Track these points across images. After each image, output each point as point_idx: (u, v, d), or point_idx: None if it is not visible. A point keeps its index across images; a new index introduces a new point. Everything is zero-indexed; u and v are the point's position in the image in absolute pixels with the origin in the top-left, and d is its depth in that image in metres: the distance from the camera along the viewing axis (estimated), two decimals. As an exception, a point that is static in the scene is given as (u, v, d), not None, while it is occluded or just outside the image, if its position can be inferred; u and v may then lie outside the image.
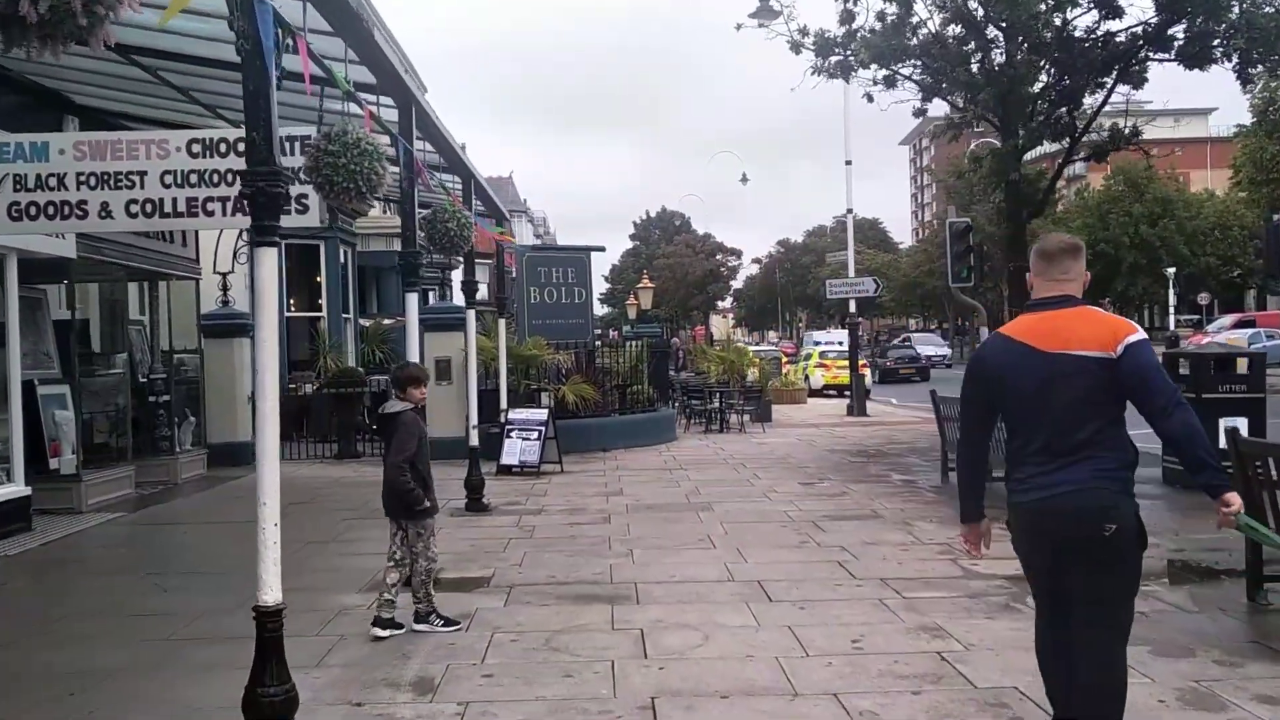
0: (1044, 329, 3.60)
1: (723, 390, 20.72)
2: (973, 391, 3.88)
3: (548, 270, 16.98)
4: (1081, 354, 3.50)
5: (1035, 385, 3.56)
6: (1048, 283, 3.71)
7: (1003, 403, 3.75)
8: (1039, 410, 3.57)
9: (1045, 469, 3.54)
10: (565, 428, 15.52)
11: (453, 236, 8.90)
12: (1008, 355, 3.68)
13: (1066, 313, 3.62)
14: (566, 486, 12.35)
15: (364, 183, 5.49)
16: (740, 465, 14.22)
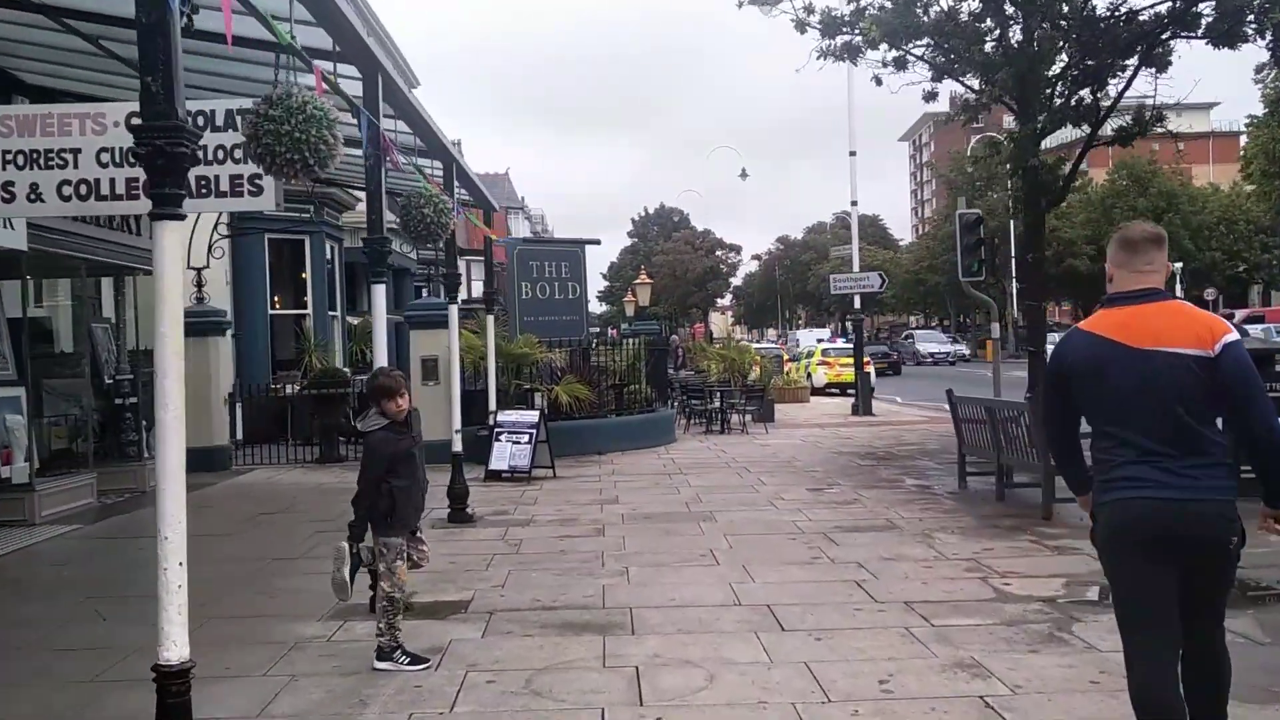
0: (1134, 325, 3.39)
1: (723, 390, 19.94)
2: (1059, 394, 3.66)
3: (540, 264, 16.19)
4: (1177, 351, 3.30)
5: (1132, 384, 3.36)
6: (1131, 274, 3.50)
7: (1093, 402, 3.52)
8: (1137, 410, 3.37)
9: (1156, 470, 3.33)
10: (558, 430, 14.75)
11: (429, 224, 8.11)
12: (1097, 352, 3.46)
13: (1156, 307, 3.42)
14: (559, 494, 11.57)
15: (310, 153, 4.71)
16: (743, 469, 13.44)
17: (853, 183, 23.51)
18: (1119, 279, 3.54)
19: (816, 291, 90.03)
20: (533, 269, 16.10)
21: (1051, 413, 3.76)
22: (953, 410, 11.59)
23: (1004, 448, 10.12)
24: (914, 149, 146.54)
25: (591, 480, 12.66)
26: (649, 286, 24.64)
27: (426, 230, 8.14)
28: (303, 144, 4.66)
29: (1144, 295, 3.46)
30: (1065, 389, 3.59)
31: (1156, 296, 3.45)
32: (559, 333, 16.05)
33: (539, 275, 16.15)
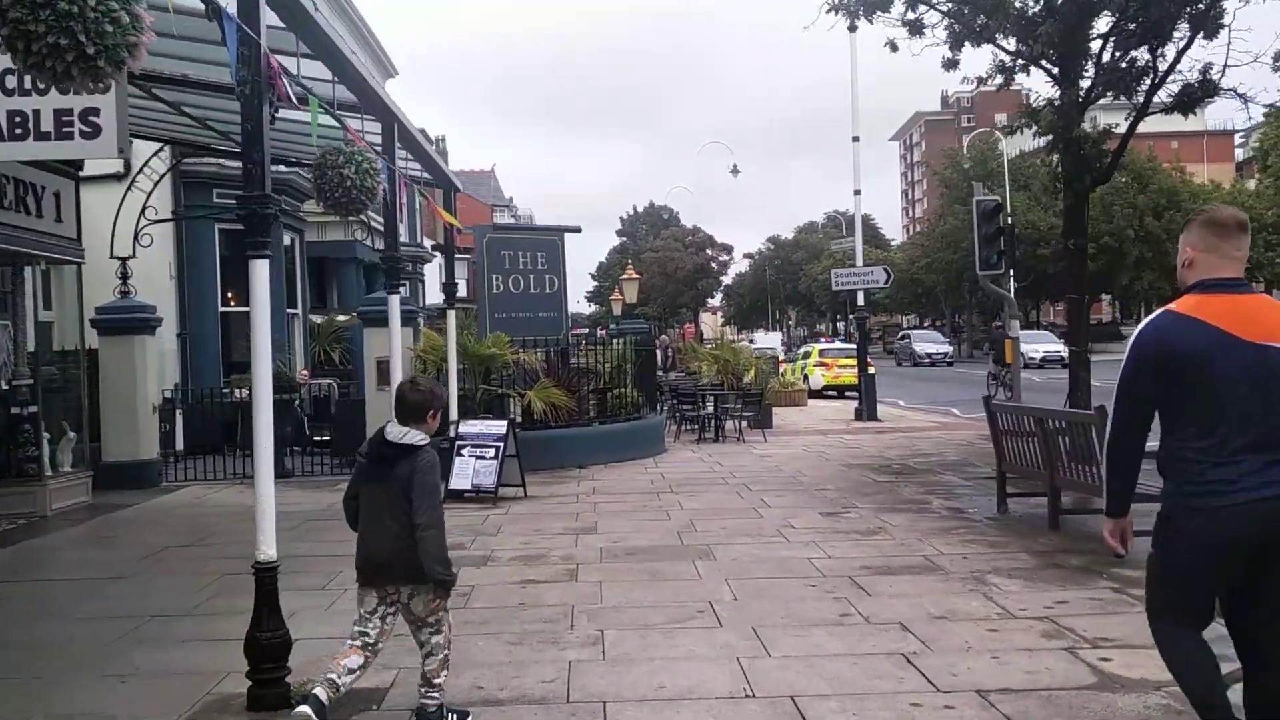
0: (1241, 315, 3.23)
1: (717, 393, 18.23)
2: (1151, 381, 3.33)
3: (513, 255, 14.43)
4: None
5: (1246, 378, 3.16)
6: (1221, 260, 3.35)
7: (1194, 394, 3.25)
8: (1247, 405, 3.17)
9: (1252, 468, 3.15)
10: (532, 441, 13.03)
11: (350, 188, 6.38)
12: (1203, 342, 3.22)
13: (1257, 299, 3.33)
14: (527, 520, 9.83)
15: (90, 36, 2.97)
16: (743, 487, 11.71)
17: (856, 170, 21.84)
18: (1203, 264, 3.36)
19: (808, 291, 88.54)
20: (504, 260, 14.34)
21: (1138, 404, 3.40)
22: (991, 421, 9.87)
23: (1061, 466, 8.41)
24: (904, 149, 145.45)
25: (568, 501, 10.92)
26: (636, 283, 22.94)
27: (347, 197, 6.41)
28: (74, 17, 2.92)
29: (1238, 285, 3.33)
30: (1157, 379, 3.29)
31: (1248, 288, 3.33)
32: (535, 331, 14.32)
33: (512, 267, 14.39)
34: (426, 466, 4.32)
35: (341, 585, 7.23)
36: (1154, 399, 3.36)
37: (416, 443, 4.33)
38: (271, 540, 4.98)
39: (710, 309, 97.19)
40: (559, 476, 12.76)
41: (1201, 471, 3.23)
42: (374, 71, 31.16)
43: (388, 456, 4.33)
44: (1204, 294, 3.31)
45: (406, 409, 4.40)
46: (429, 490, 4.32)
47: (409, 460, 4.29)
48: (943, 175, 65.67)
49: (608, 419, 15.01)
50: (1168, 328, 3.33)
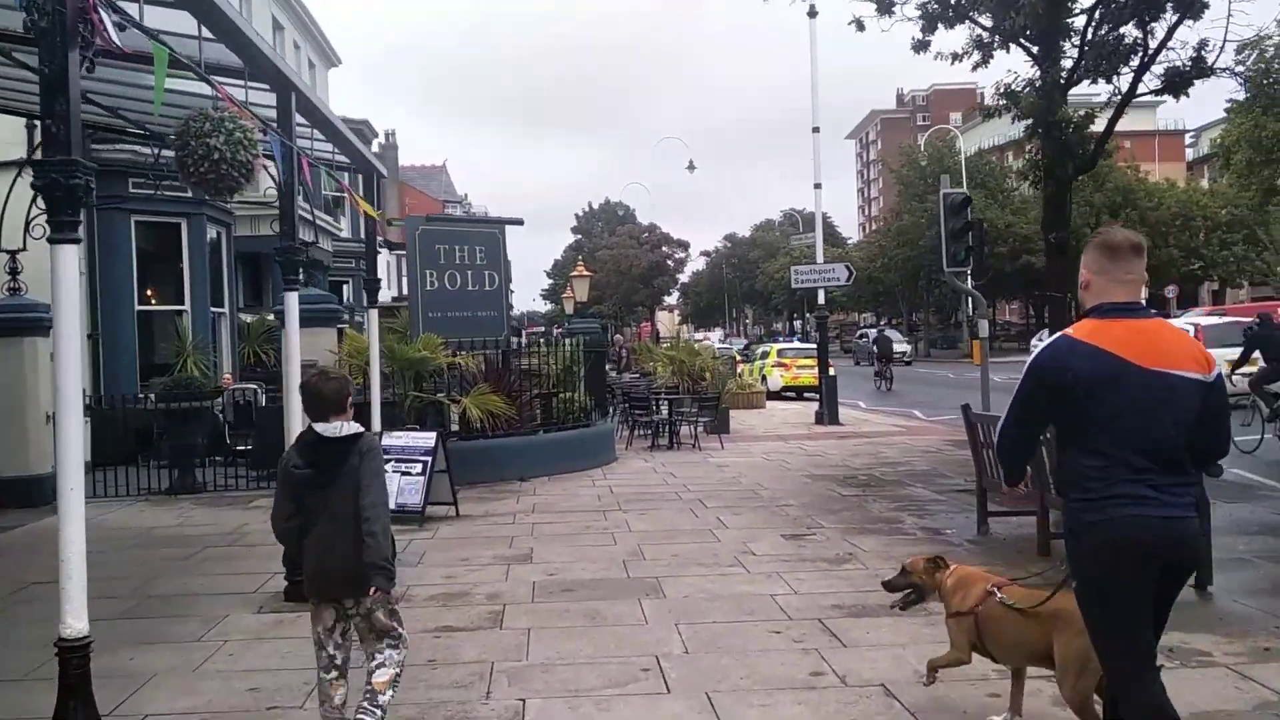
0: (1139, 342, 3.27)
1: (672, 397, 17.23)
2: (1045, 405, 3.39)
3: (449, 249, 13.27)
4: (1184, 375, 3.25)
5: (1140, 406, 3.22)
6: (1114, 283, 3.37)
7: (1092, 419, 3.26)
8: (1140, 431, 3.22)
9: (1152, 488, 3.20)
10: (468, 452, 11.95)
11: (219, 162, 5.25)
12: (1100, 369, 3.24)
13: (1154, 324, 3.36)
14: (455, 546, 8.73)
15: None
16: (698, 503, 10.69)
17: (816, 163, 20.94)
18: (1100, 287, 3.40)
19: (765, 290, 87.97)
20: (440, 254, 13.18)
21: (1029, 425, 3.52)
22: (970, 431, 8.96)
23: (1053, 485, 7.48)
24: (860, 147, 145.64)
25: (503, 522, 9.83)
26: (587, 280, 21.85)
27: (215, 172, 5.28)
28: None
29: (1135, 309, 3.35)
30: (1053, 402, 3.35)
31: (1145, 312, 3.38)
32: (473, 331, 13.19)
33: (447, 262, 13.24)
34: (373, 450, 4.14)
35: (224, 634, 6.12)
36: (1045, 421, 3.49)
37: (355, 430, 4.12)
38: (81, 609, 3.89)
39: (667, 307, 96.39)
40: (497, 491, 11.68)
41: (1098, 489, 3.25)
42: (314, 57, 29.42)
43: (333, 456, 4.05)
44: (1102, 319, 3.33)
45: (325, 402, 4.11)
46: (377, 471, 4.14)
47: (354, 450, 4.06)
48: (899, 173, 65.29)
49: (553, 426, 13.94)
50: (1066, 353, 3.33)
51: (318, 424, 4.10)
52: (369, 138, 33.01)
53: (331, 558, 4.01)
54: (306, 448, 4.10)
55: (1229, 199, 54.99)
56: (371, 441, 4.17)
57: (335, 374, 4.33)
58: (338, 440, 4.05)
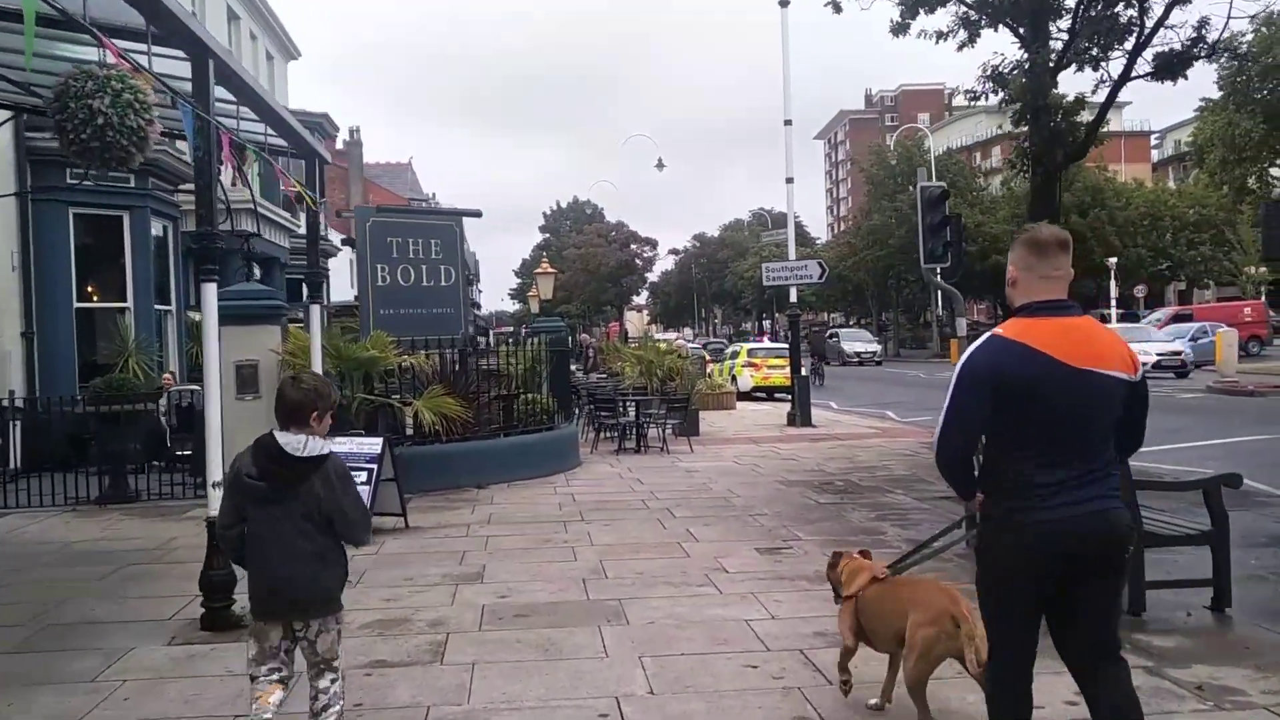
0: (1067, 340, 3.26)
1: (639, 398, 16.54)
2: (978, 406, 3.32)
3: (402, 242, 12.51)
4: (1112, 374, 3.28)
5: (1070, 406, 3.23)
6: (1041, 280, 3.37)
7: (1020, 419, 3.28)
8: (1071, 432, 3.25)
9: (1068, 486, 3.24)
10: (422, 458, 11.24)
11: (104, 127, 4.48)
12: (1031, 369, 3.24)
13: (1081, 322, 3.34)
14: (400, 562, 7.99)
15: None
16: (666, 512, 10.01)
17: (788, 156, 20.34)
18: (1026, 284, 3.40)
19: (734, 289, 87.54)
20: (392, 248, 12.41)
21: (964, 426, 3.39)
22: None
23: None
24: (829, 147, 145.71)
25: (455, 535, 9.09)
26: (552, 277, 21.11)
27: (99, 139, 4.51)
28: None
29: (1063, 307, 3.34)
30: (989, 403, 3.29)
31: (1073, 310, 3.36)
32: (428, 329, 12.41)
33: (400, 256, 12.47)
34: (344, 475, 3.84)
35: (125, 672, 5.37)
36: (981, 421, 3.37)
37: (321, 452, 3.76)
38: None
39: (636, 307, 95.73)
40: (452, 500, 10.94)
41: (1020, 489, 3.28)
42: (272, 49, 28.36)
43: (292, 474, 3.72)
44: (1031, 318, 3.33)
45: (288, 409, 3.78)
46: (356, 496, 3.90)
47: (319, 475, 3.74)
48: (870, 172, 64.99)
49: (514, 430, 13.21)
50: (997, 353, 3.33)
51: (281, 434, 3.74)
52: (330, 133, 32.11)
53: (280, 577, 3.76)
54: (263, 457, 3.75)
55: (1196, 199, 55.19)
56: (341, 466, 3.84)
57: (309, 382, 3.93)
58: (299, 460, 3.71)
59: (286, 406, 3.78)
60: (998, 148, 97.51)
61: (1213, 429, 16.28)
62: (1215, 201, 51.55)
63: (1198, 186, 52.16)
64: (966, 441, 3.44)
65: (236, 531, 3.86)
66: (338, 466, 3.83)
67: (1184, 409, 19.74)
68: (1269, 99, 28.06)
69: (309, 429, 3.78)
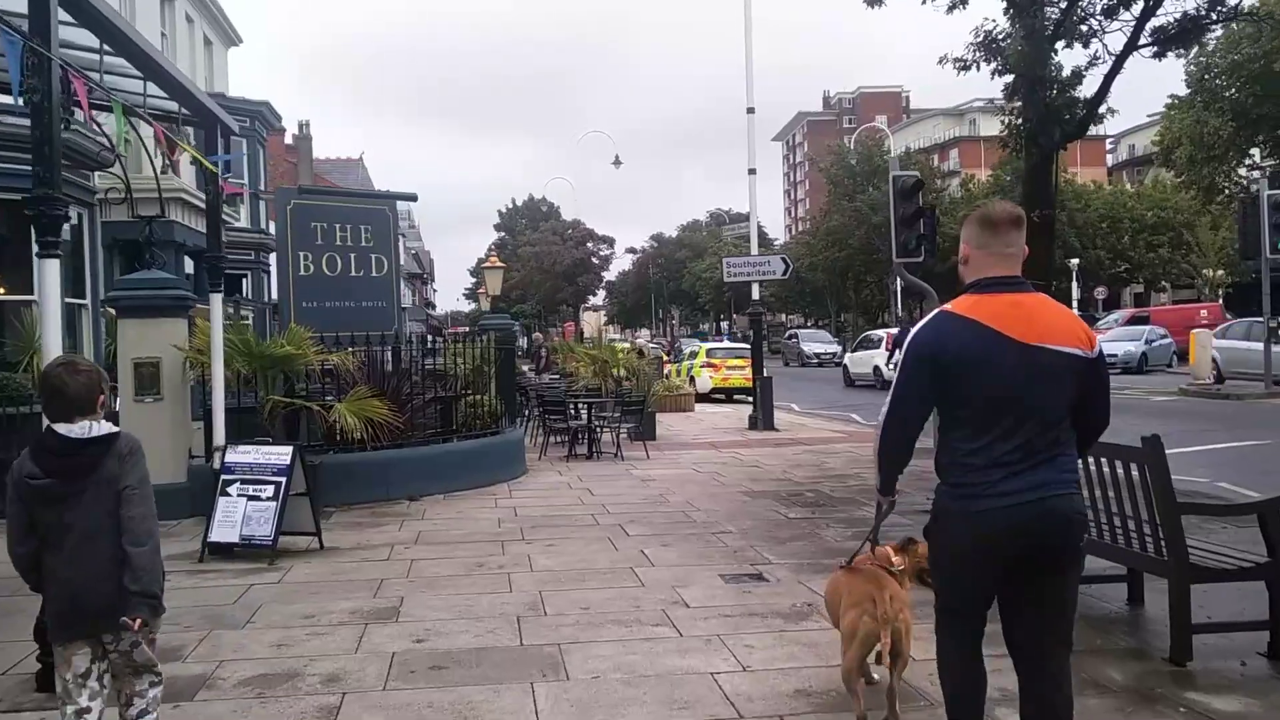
0: (1015, 316, 3.18)
1: (592, 400, 15.44)
2: (926, 383, 3.26)
3: (329, 227, 11.29)
4: (1063, 349, 3.17)
5: (1017, 382, 3.15)
6: (992, 257, 3.30)
7: (966, 397, 3.20)
8: (1017, 410, 3.15)
9: (1016, 470, 3.14)
10: (347, 467, 10.09)
11: None
12: (978, 344, 3.16)
13: (1031, 298, 3.26)
14: (304, 594, 6.81)
15: None
16: (618, 529, 8.91)
17: (750, 146, 19.35)
18: (978, 262, 3.32)
19: (692, 289, 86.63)
20: (316, 233, 11.19)
21: (912, 405, 3.33)
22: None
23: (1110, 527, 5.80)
24: (787, 149, 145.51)
25: (375, 558, 7.92)
26: (500, 272, 19.92)
27: None
28: None
29: (1015, 283, 3.26)
30: (934, 380, 3.23)
31: (1025, 286, 3.29)
32: (357, 324, 11.21)
33: (326, 242, 11.25)
34: (135, 452, 3.48)
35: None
36: (929, 400, 3.30)
37: (111, 431, 3.47)
38: None
39: (593, 307, 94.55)
40: (379, 515, 9.77)
41: (968, 473, 3.20)
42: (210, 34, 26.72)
43: (82, 463, 3.40)
44: (980, 294, 3.25)
45: (69, 400, 3.43)
46: (144, 477, 3.49)
47: (110, 454, 3.42)
48: (829, 172, 64.41)
49: (453, 434, 12.04)
50: (943, 329, 3.25)
51: (59, 425, 3.42)
52: (272, 122, 30.50)
53: (86, 585, 3.38)
54: (45, 454, 3.42)
55: (1155, 201, 55.24)
56: (133, 442, 3.52)
57: (85, 365, 3.59)
58: (87, 443, 3.40)
59: (70, 397, 3.42)
60: (955, 150, 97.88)
61: (1195, 434, 15.51)
62: (1174, 204, 51.57)
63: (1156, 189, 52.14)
64: (910, 421, 3.35)
65: (30, 549, 3.44)
66: (128, 443, 3.50)
67: (1161, 412, 19.02)
68: (1237, 97, 27.59)
69: (96, 416, 3.47)
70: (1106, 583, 6.25)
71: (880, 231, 58.16)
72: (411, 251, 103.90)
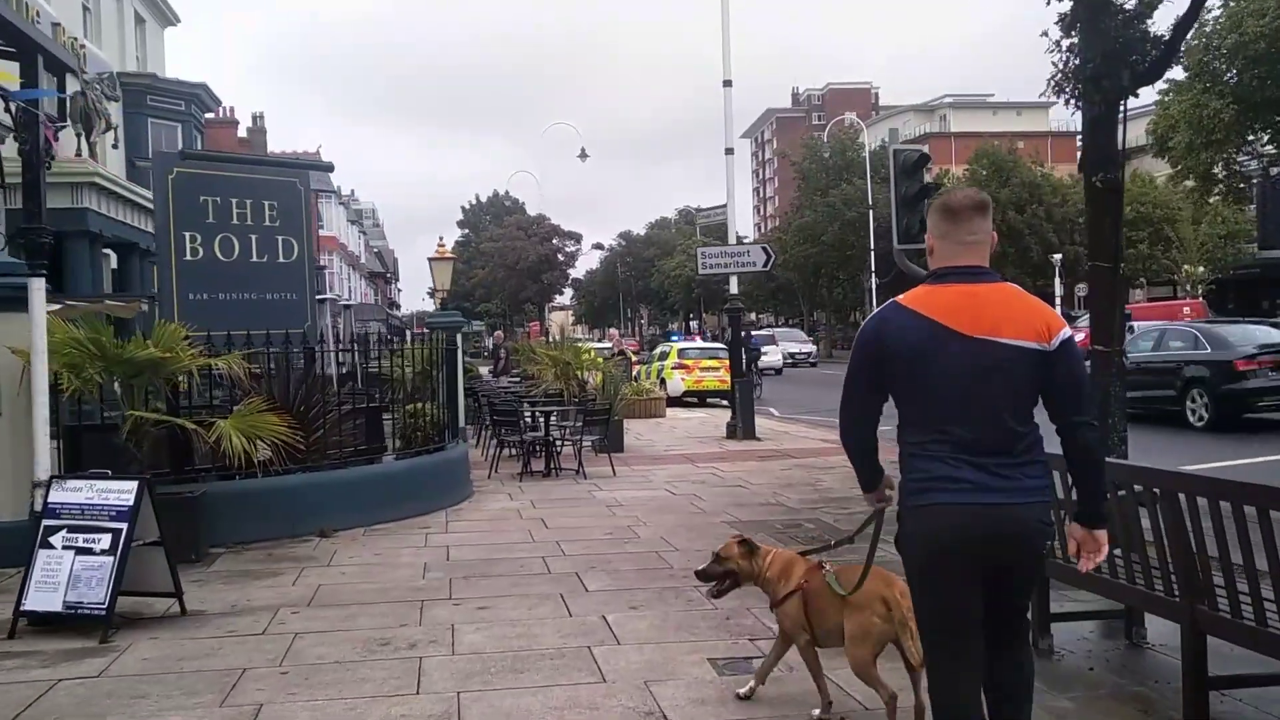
0: (964, 307, 3.00)
1: (551, 408, 13.50)
2: (873, 375, 3.15)
3: (223, 203, 9.26)
4: (1013, 343, 2.98)
5: (959, 377, 2.98)
6: (954, 246, 3.12)
7: (911, 392, 3.08)
8: (962, 405, 2.98)
9: (973, 471, 2.96)
10: (241, 497, 8.15)
11: None
12: (918, 337, 3.02)
13: (987, 289, 3.06)
14: (124, 696, 4.81)
15: None
16: (574, 579, 6.97)
17: (728, 126, 17.51)
18: (941, 251, 3.15)
19: (660, 288, 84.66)
20: (208, 209, 9.16)
21: (862, 399, 3.21)
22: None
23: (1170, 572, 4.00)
24: (756, 146, 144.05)
25: (246, 631, 5.92)
26: (449, 264, 17.90)
27: None
28: None
29: (975, 273, 3.07)
30: (878, 373, 3.13)
31: (987, 276, 3.09)
32: (260, 320, 9.17)
33: (220, 221, 9.23)
34: None
35: None
36: (878, 393, 3.17)
37: None
38: None
39: (560, 307, 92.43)
40: (277, 557, 7.78)
41: (921, 468, 3.04)
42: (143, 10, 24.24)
43: None
44: (936, 284, 3.09)
45: None
46: None
47: None
48: (802, 165, 62.74)
49: (381, 452, 10.07)
50: (886, 322, 3.12)
51: None
52: (209, 105, 28.21)
53: None
54: None
55: (1133, 196, 53.96)
56: None
57: None
58: None
59: None
60: (926, 146, 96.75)
61: (1228, 446, 13.83)
62: (1153, 198, 50.39)
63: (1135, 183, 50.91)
64: (860, 418, 3.22)
65: None
66: None
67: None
68: (1240, 79, 26.11)
69: None
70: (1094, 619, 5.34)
71: (855, 227, 56.55)
72: (375, 250, 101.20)
